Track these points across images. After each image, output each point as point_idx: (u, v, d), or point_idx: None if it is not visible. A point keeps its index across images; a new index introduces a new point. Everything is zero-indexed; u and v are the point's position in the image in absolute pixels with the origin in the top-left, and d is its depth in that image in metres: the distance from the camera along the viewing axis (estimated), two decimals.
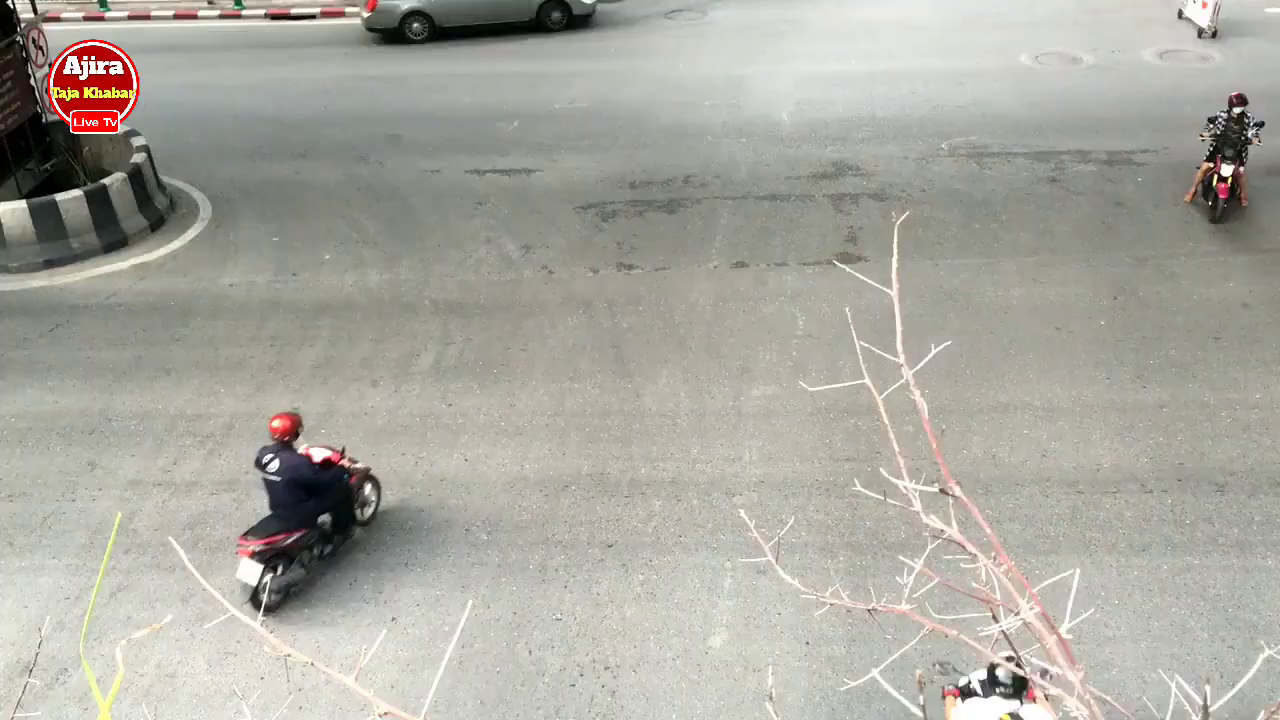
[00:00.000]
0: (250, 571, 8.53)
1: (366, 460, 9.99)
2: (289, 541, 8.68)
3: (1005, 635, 3.05)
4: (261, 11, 23.55)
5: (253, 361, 12.01)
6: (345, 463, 9.21)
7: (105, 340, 12.44)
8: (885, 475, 3.47)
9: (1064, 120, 16.88)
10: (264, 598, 8.50)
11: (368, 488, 9.58)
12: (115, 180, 14.38)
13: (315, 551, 9.06)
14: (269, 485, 8.73)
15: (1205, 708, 2.91)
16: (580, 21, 22.20)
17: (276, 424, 8.68)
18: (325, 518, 9.00)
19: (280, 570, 8.68)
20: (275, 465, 8.63)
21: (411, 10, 21.50)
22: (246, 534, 8.66)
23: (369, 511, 9.58)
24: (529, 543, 9.48)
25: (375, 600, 8.98)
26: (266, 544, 8.55)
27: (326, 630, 8.69)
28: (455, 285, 13.28)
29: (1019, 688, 6.73)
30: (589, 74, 19.51)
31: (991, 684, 6.87)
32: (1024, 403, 10.96)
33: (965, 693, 6.69)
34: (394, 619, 8.75)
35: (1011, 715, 6.64)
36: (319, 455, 9.09)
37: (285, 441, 8.69)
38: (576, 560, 9.37)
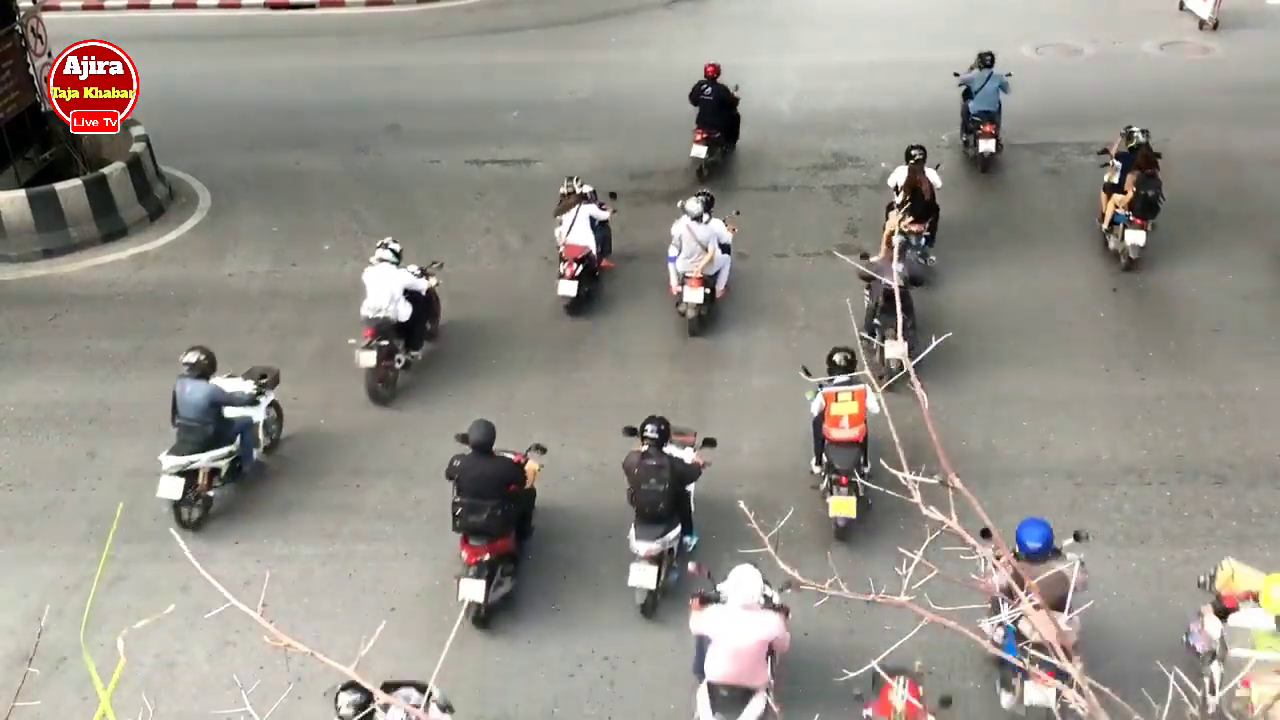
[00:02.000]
0: (700, 151, 14.77)
1: (363, 453, 9.99)
2: (717, 135, 14.95)
3: (1004, 626, 3.06)
4: (261, 1, 23.45)
5: (252, 351, 11.96)
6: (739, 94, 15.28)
7: (104, 330, 12.43)
8: (885, 466, 3.47)
9: (1064, 112, 16.83)
10: (706, 169, 14.99)
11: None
12: (114, 170, 14.35)
13: (721, 149, 15.30)
14: (704, 103, 14.81)
15: (1204, 700, 2.92)
16: None
17: (710, 67, 14.86)
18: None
19: (714, 153, 15.06)
20: (710, 90, 14.77)
21: None
22: (697, 127, 14.78)
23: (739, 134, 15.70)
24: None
25: (374, 590, 9.00)
26: (709, 135, 14.79)
27: (326, 620, 8.71)
28: (455, 276, 13.24)
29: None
30: (589, 64, 19.44)
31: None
32: (1023, 394, 10.96)
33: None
34: (393, 609, 8.76)
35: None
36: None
37: (714, 78, 14.80)
38: (575, 551, 9.37)
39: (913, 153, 12.74)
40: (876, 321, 11.04)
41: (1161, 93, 17.57)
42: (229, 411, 9.57)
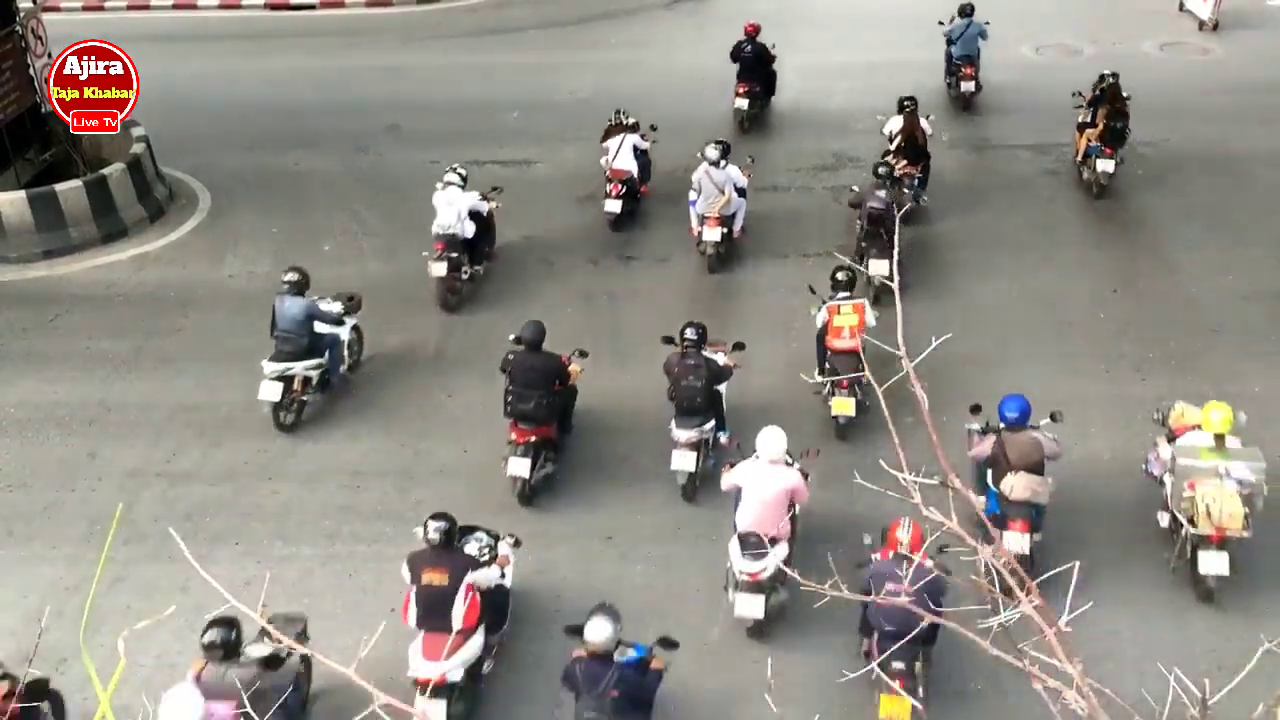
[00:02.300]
0: (742, 103, 16.37)
1: (363, 454, 10.01)
2: (757, 89, 16.46)
3: (1004, 627, 3.06)
4: (261, 1, 23.47)
5: (252, 352, 11.95)
6: (775, 52, 16.71)
7: (104, 331, 12.42)
8: (885, 467, 3.47)
9: (1064, 112, 16.79)
10: (747, 122, 16.57)
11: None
12: (114, 170, 14.35)
13: (760, 103, 16.76)
14: (744, 60, 16.35)
15: (1204, 701, 2.92)
16: None
17: (750, 26, 16.43)
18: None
19: (754, 106, 16.55)
20: (749, 48, 16.26)
21: None
22: (738, 81, 16.32)
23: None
24: (528, 534, 9.47)
25: (375, 591, 9.00)
26: (750, 89, 16.34)
27: (326, 621, 8.69)
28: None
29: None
30: (589, 64, 19.45)
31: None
32: (1023, 395, 10.93)
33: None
34: (393, 610, 8.74)
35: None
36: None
37: (754, 36, 16.36)
38: (575, 551, 9.37)
39: (905, 103, 14.14)
40: (863, 244, 12.34)
41: (1161, 93, 17.56)
42: (319, 327, 10.67)
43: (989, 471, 8.94)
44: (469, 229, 12.40)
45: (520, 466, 9.57)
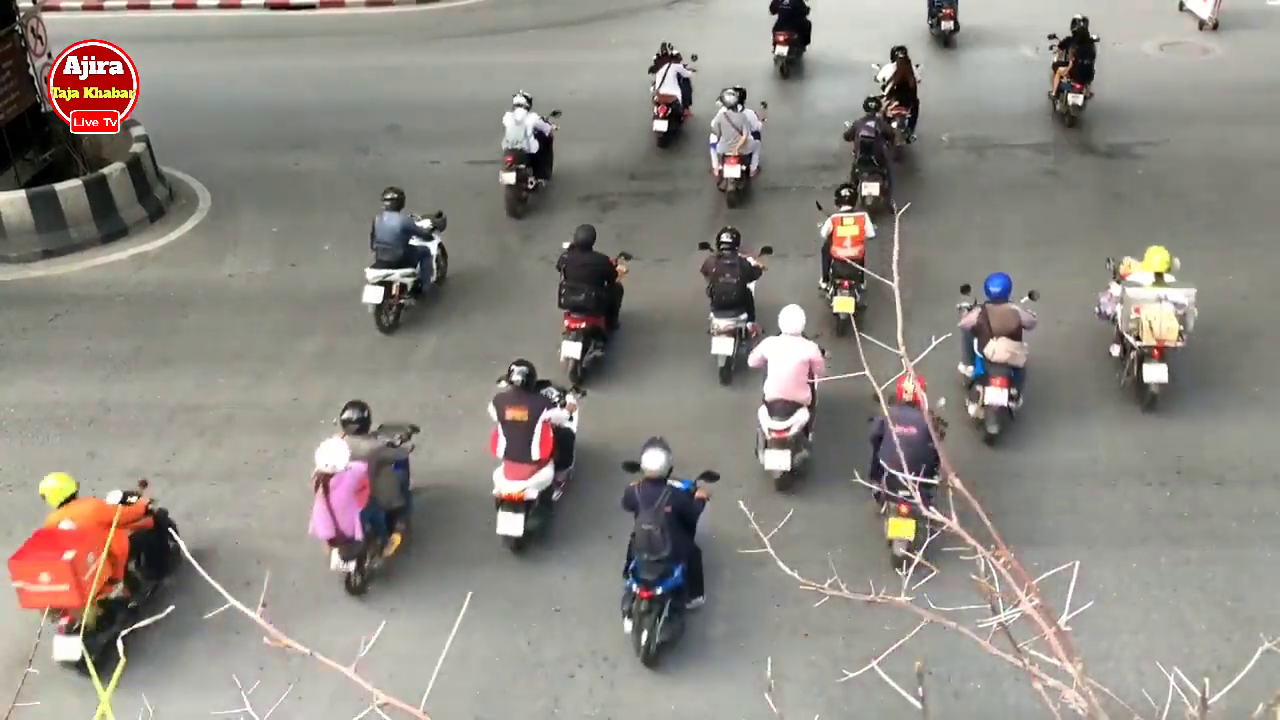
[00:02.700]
0: (781, 50, 18.15)
1: None
2: (795, 37, 18.31)
3: (1004, 627, 3.06)
4: (261, 1, 23.47)
5: (252, 352, 12.00)
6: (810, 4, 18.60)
7: (104, 330, 12.43)
8: (885, 467, 3.47)
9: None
10: (786, 67, 18.41)
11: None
12: (114, 170, 14.35)
13: (798, 49, 18.62)
14: (782, 11, 18.08)
15: (1204, 700, 2.92)
16: None
17: None
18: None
19: (792, 53, 18.39)
20: (788, 1, 17.96)
21: None
22: (777, 30, 18.04)
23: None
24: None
25: (375, 590, 8.99)
26: (788, 37, 18.11)
27: (326, 621, 8.70)
28: (455, 276, 13.26)
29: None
30: (589, 65, 19.44)
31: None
32: (1023, 395, 10.94)
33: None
34: (393, 609, 8.76)
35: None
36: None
37: (795, 6, 18.08)
38: (575, 552, 9.37)
39: (898, 51, 15.74)
40: (856, 170, 13.87)
41: (1161, 93, 17.57)
42: (412, 241, 12.06)
43: (974, 340, 10.27)
44: (534, 145, 14.21)
45: (572, 349, 10.96)
